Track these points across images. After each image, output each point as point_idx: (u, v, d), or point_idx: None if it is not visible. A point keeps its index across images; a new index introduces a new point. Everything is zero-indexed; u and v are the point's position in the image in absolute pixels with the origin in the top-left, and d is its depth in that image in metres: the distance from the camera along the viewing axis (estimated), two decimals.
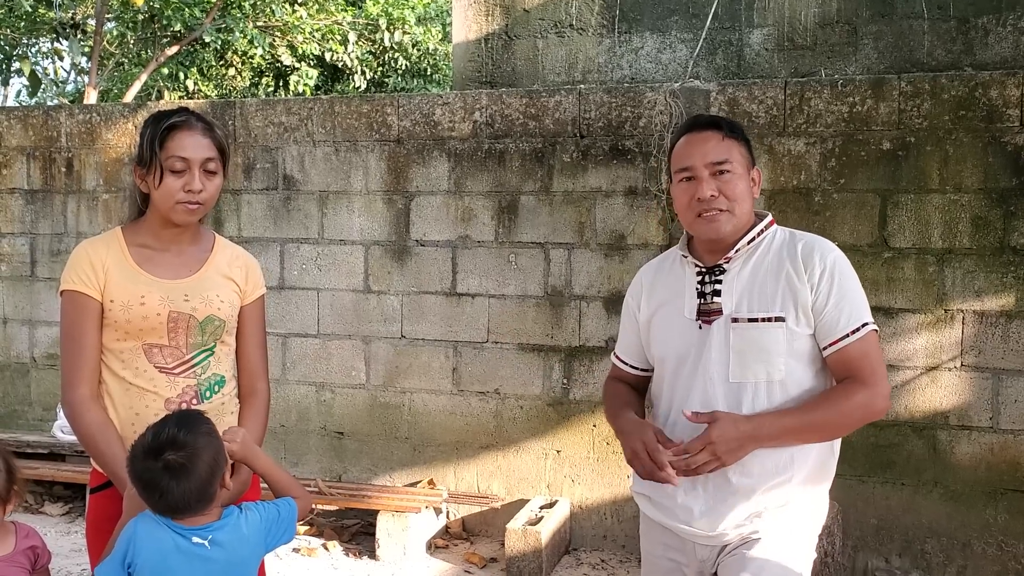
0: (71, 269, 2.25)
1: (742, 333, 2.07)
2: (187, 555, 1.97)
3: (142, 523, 2.02)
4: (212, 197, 2.27)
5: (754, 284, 2.10)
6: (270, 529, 2.08)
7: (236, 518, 2.04)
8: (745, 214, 2.13)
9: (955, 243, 4.11)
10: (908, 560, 4.21)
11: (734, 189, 2.10)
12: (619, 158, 4.55)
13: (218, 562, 1.99)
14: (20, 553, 2.19)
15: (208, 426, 2.01)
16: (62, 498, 5.21)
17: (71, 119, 5.49)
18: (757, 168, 2.20)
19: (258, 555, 2.08)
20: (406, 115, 4.86)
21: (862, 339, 2.04)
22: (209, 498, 1.99)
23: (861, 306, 2.07)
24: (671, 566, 2.21)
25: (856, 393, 2.03)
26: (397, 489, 4.80)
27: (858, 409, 2.04)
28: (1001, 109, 4.04)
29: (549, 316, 4.67)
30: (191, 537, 1.98)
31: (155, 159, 2.19)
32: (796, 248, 2.10)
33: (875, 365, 2.05)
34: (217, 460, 1.99)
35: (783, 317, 2.05)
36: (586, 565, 4.49)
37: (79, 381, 2.22)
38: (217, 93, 13.81)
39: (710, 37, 5.25)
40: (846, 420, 2.05)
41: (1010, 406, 4.06)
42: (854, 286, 2.09)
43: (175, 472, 1.94)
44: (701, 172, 2.11)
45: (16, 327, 5.63)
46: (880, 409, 2.06)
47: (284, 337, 5.08)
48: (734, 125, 2.19)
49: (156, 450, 1.95)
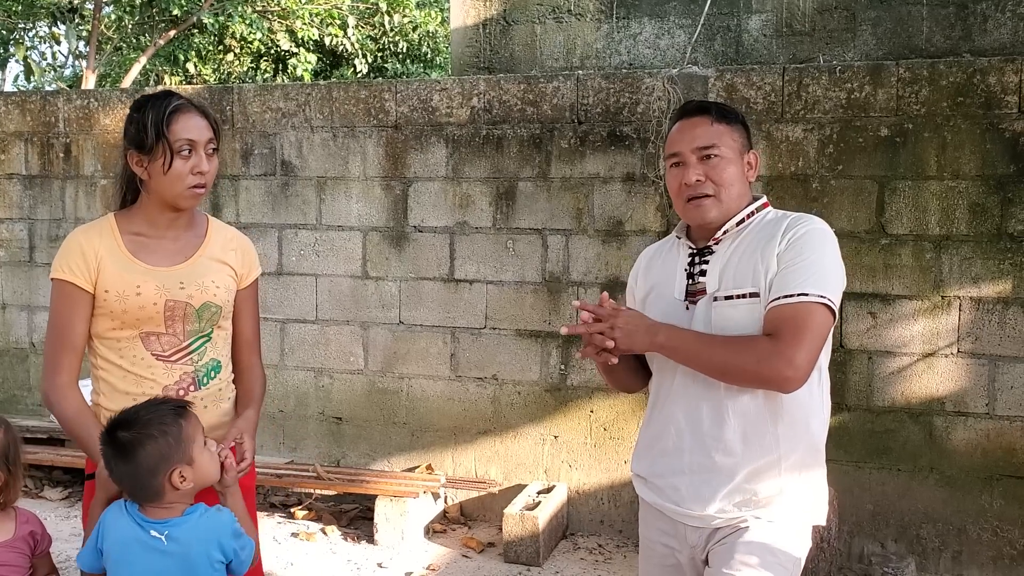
0: (62, 257, 2.24)
1: (721, 311, 2.07)
2: (145, 547, 1.98)
3: (111, 511, 2.04)
4: (213, 179, 2.28)
5: (734, 262, 2.10)
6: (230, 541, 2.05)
7: (198, 517, 2.03)
8: (734, 198, 2.13)
9: (952, 230, 4.11)
10: (904, 545, 4.23)
11: (721, 174, 2.11)
12: (617, 144, 4.54)
13: (174, 557, 1.98)
14: (20, 539, 2.19)
15: (174, 426, 1.99)
16: (61, 483, 5.23)
17: (69, 104, 5.47)
18: (754, 152, 2.20)
19: (212, 558, 2.03)
20: (404, 101, 4.85)
21: (795, 304, 1.96)
22: (152, 492, 1.98)
23: (813, 277, 1.98)
24: (665, 552, 2.22)
25: (760, 342, 1.97)
26: (395, 474, 4.82)
27: (752, 357, 1.96)
28: (999, 96, 4.04)
29: (547, 302, 4.67)
30: (149, 530, 1.98)
31: (161, 143, 2.16)
32: (780, 224, 2.09)
33: (799, 331, 1.95)
34: (164, 458, 1.96)
35: (757, 292, 2.05)
36: (583, 550, 4.51)
37: (59, 369, 2.23)
38: (215, 78, 13.76)
39: (708, 23, 5.23)
40: (737, 363, 1.97)
41: (1006, 392, 4.07)
42: (817, 258, 2.01)
43: (117, 449, 1.97)
44: (689, 157, 2.12)
45: (15, 312, 5.64)
46: (780, 373, 1.94)
47: (282, 323, 5.09)
48: (726, 110, 2.18)
49: (114, 424, 2.00)
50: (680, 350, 2.05)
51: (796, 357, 1.94)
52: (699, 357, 2.03)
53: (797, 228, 2.06)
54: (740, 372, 2.00)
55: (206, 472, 2.05)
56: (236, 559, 2.06)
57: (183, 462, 1.99)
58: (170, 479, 1.98)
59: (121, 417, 2.01)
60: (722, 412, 2.07)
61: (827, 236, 2.07)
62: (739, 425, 2.06)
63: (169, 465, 1.97)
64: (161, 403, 2.08)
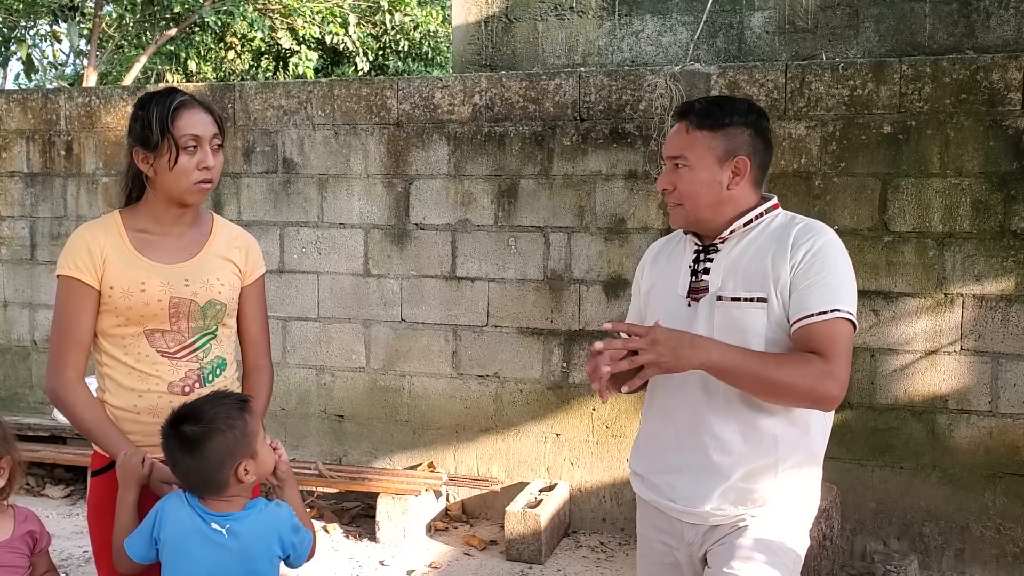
0: (68, 254, 2.23)
1: (724, 311, 2.06)
2: (205, 539, 1.98)
3: (170, 500, 2.05)
4: (219, 174, 2.28)
5: (741, 264, 2.08)
6: (290, 535, 2.07)
7: (259, 512, 2.04)
8: (703, 208, 2.10)
9: (955, 227, 4.11)
10: (906, 543, 4.23)
11: (684, 184, 2.10)
12: (619, 141, 4.54)
13: (233, 552, 1.99)
14: (18, 538, 2.18)
15: (240, 420, 2.00)
16: (63, 480, 5.23)
17: (70, 102, 5.47)
18: (742, 157, 2.09)
19: (271, 553, 2.05)
20: (406, 98, 4.84)
21: (830, 322, 1.97)
22: (217, 485, 1.99)
23: (839, 293, 1.99)
24: (663, 549, 2.21)
25: (814, 362, 1.95)
26: (397, 472, 4.82)
27: (809, 378, 1.93)
28: (1003, 93, 4.03)
29: (549, 300, 4.67)
30: (211, 523, 1.99)
31: (167, 139, 2.16)
32: (790, 230, 2.07)
33: (839, 350, 1.96)
34: (231, 452, 1.97)
35: (764, 298, 2.03)
36: (585, 548, 4.51)
37: (65, 365, 2.22)
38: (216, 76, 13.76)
39: (711, 20, 5.22)
40: (793, 383, 1.94)
41: (1009, 390, 4.07)
42: (838, 272, 2.02)
43: (183, 443, 1.97)
44: (667, 163, 2.16)
45: (16, 310, 5.64)
46: (830, 393, 1.94)
47: (284, 321, 5.08)
48: (707, 114, 2.11)
49: (178, 418, 2.00)
50: (730, 371, 1.95)
51: (842, 376, 1.97)
52: (753, 377, 1.96)
53: (813, 240, 2.04)
54: (793, 392, 1.96)
55: (266, 465, 2.07)
56: (294, 553, 2.08)
57: (248, 456, 2.00)
58: (236, 473, 1.99)
59: (185, 411, 2.01)
60: (722, 412, 2.06)
61: (842, 247, 2.08)
62: (739, 425, 2.05)
63: (235, 459, 1.98)
64: (224, 396, 2.09)
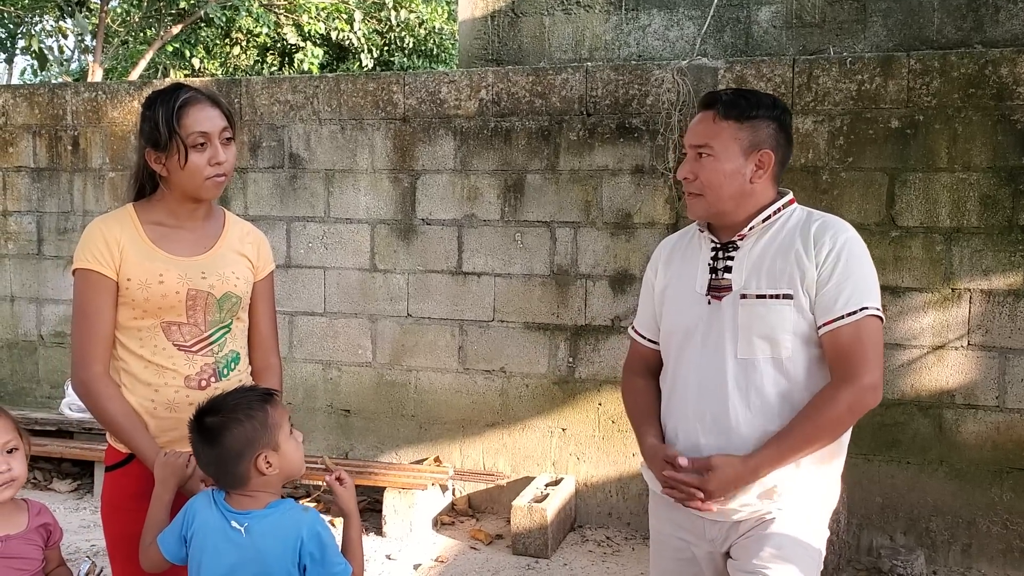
0: (84, 247, 2.22)
1: (750, 309, 2.06)
2: (223, 537, 1.97)
3: (199, 499, 2.04)
4: (233, 166, 2.28)
5: (764, 261, 2.08)
6: (311, 544, 1.98)
7: (281, 513, 2.00)
8: (725, 199, 2.10)
9: (963, 222, 4.10)
10: (913, 538, 4.22)
11: (708, 174, 2.09)
12: (626, 136, 4.53)
13: (247, 551, 1.96)
14: (33, 531, 2.19)
15: (260, 411, 1.98)
16: (70, 475, 5.24)
17: (77, 97, 5.48)
18: (766, 151, 2.11)
19: (287, 558, 1.96)
20: (412, 93, 4.84)
21: (857, 323, 1.99)
22: (238, 477, 1.98)
23: (865, 290, 2.02)
24: (681, 545, 2.20)
25: (840, 397, 1.98)
26: (403, 466, 4.82)
27: (846, 413, 1.99)
28: (1011, 87, 4.01)
29: (555, 295, 4.67)
30: (231, 520, 1.97)
31: (175, 139, 2.16)
32: (810, 227, 2.08)
33: (867, 352, 1.99)
34: (250, 442, 1.96)
35: (791, 295, 2.03)
36: (591, 542, 4.51)
37: (93, 359, 2.20)
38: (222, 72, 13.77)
39: (718, 14, 5.21)
40: (838, 425, 2.01)
41: (1016, 385, 4.06)
42: (862, 269, 2.04)
43: (204, 435, 1.98)
44: (689, 152, 2.14)
45: (23, 305, 5.65)
46: (869, 403, 2.01)
47: (291, 315, 5.09)
48: (734, 105, 2.11)
49: (202, 411, 2.00)
50: (784, 462, 2.01)
51: (874, 378, 2.01)
52: (801, 452, 2.02)
53: (836, 237, 2.05)
54: (845, 428, 2.05)
55: (292, 461, 2.02)
56: (312, 564, 1.97)
57: (269, 447, 1.97)
58: (256, 464, 1.96)
59: (208, 404, 2.01)
60: (743, 406, 2.05)
61: (862, 243, 2.09)
62: (760, 420, 2.04)
63: (255, 450, 1.96)
64: (248, 390, 2.08)
